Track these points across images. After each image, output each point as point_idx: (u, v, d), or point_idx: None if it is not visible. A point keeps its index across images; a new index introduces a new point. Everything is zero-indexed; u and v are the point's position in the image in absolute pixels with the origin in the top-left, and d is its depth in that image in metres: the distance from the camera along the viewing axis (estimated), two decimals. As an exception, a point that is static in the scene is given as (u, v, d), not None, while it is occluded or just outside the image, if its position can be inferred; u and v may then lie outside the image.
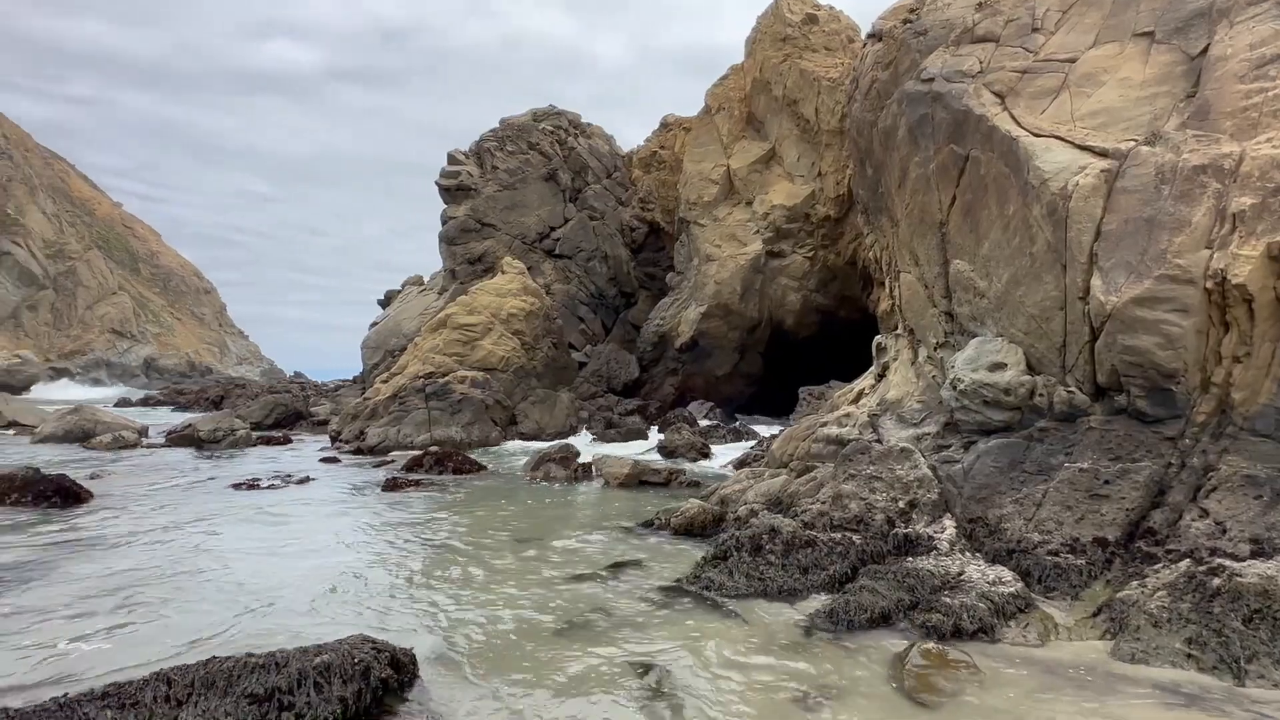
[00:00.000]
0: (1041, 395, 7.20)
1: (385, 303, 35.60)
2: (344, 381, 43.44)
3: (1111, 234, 6.85)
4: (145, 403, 36.57)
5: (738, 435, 20.06)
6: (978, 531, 6.94)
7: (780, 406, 23.81)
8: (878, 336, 10.54)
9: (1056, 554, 6.33)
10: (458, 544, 8.36)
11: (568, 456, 14.06)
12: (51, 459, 14.47)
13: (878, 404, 9.30)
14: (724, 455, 16.66)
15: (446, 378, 19.36)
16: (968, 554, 6.65)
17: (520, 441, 19.27)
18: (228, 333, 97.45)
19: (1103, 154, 7.24)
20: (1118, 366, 6.65)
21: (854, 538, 7.11)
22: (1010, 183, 7.82)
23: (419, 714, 4.24)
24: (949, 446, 7.84)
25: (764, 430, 20.86)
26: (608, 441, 19.43)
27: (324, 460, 15.99)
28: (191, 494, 11.41)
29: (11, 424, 20.55)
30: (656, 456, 16.37)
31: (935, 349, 8.89)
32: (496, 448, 18.19)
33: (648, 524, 9.24)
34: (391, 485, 12.13)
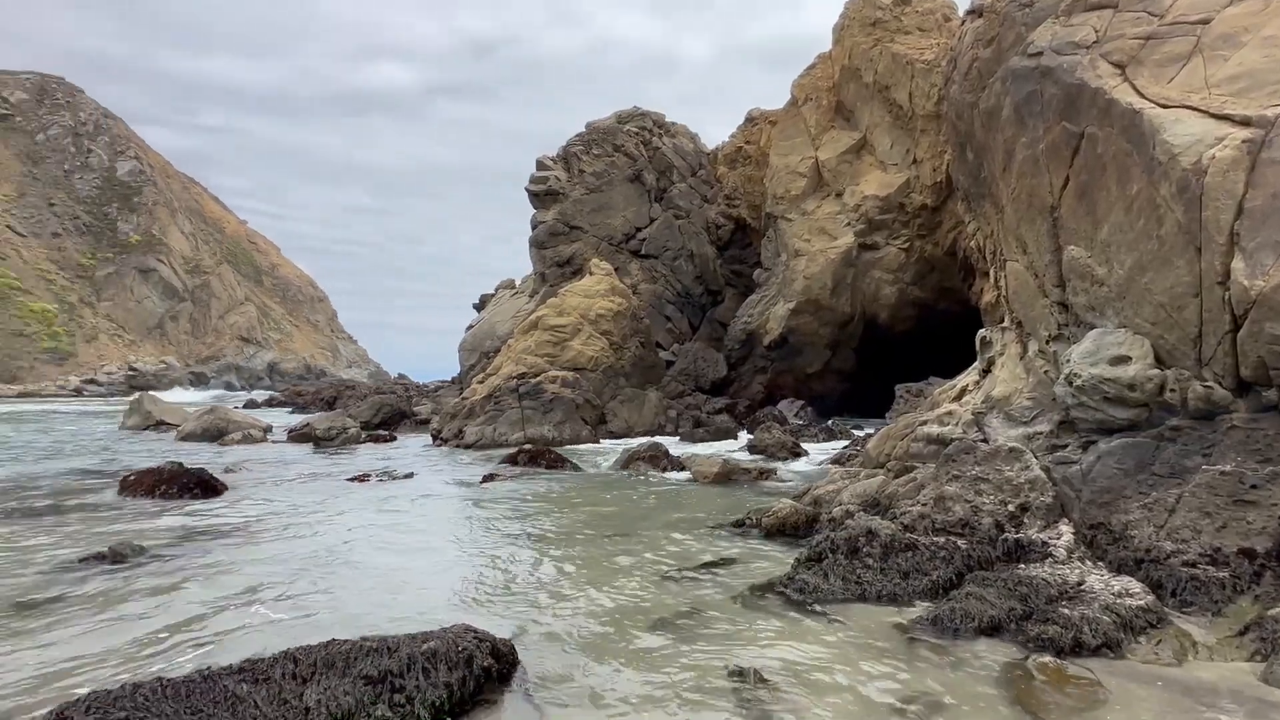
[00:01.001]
0: (1173, 391, 6.58)
1: (480, 306, 37.03)
2: (443, 382, 45.54)
3: (1256, 211, 6.16)
4: (269, 404, 39.72)
5: (830, 434, 19.52)
6: (1099, 539, 6.43)
7: (874, 404, 22.96)
8: (982, 330, 9.96)
9: (1194, 565, 5.76)
10: (551, 538, 8.58)
11: (657, 454, 14.14)
12: (192, 454, 15.98)
13: (983, 401, 8.79)
14: (816, 455, 16.25)
15: (538, 378, 19.91)
16: (1088, 562, 6.17)
17: (610, 440, 19.55)
18: (339, 338, 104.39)
19: (1245, 122, 6.52)
20: (1265, 358, 5.98)
21: (959, 542, 6.75)
22: (1133, 160, 7.18)
23: (518, 704, 4.37)
24: (1064, 447, 7.30)
25: (858, 429, 20.19)
26: (696, 440, 19.38)
27: (427, 456, 16.84)
28: (311, 487, 12.29)
29: (160, 423, 22.85)
30: (746, 455, 16.18)
31: (1047, 342, 8.30)
32: (587, 446, 18.53)
33: (739, 523, 9.15)
34: (489, 480, 12.60)
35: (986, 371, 9.48)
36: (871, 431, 15.86)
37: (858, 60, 24.87)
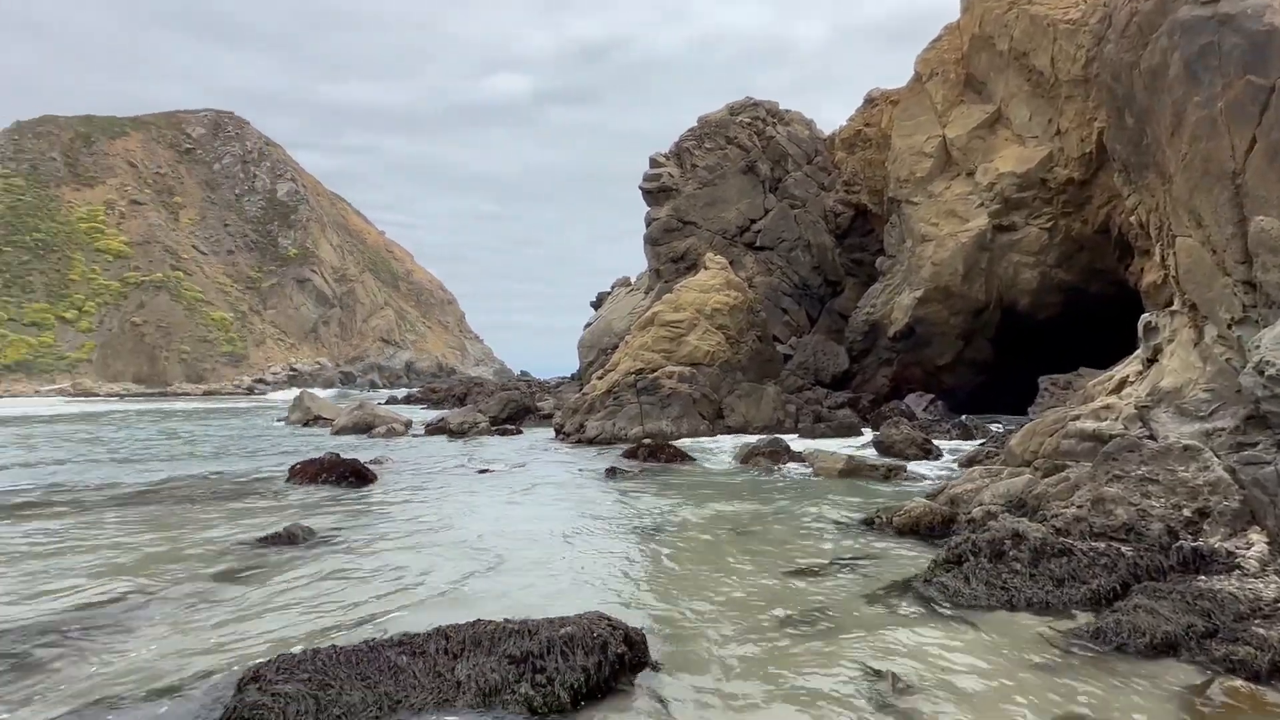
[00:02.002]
0: (1399, 380, 5.61)
1: (597, 304, 37.98)
2: (563, 379, 47.21)
3: None
4: (407, 400, 42.84)
5: (964, 431, 18.32)
6: (1301, 550, 5.60)
7: (1014, 398, 21.27)
8: (1146, 314, 8.96)
9: None
10: (674, 531, 8.66)
11: (777, 450, 13.89)
12: (344, 446, 17.57)
13: (1148, 394, 7.91)
14: (948, 452, 15.31)
15: (655, 373, 20.13)
16: (1287, 577, 5.40)
17: (727, 435, 19.42)
18: (466, 338, 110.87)
19: None
20: None
21: (1122, 549, 6.13)
22: (1341, 112, 6.18)
23: (648, 694, 4.45)
24: (1254, 445, 6.43)
25: (996, 425, 18.80)
26: (817, 436, 18.83)
27: (551, 449, 17.54)
28: (448, 476, 13.16)
29: (317, 418, 25.31)
30: (871, 452, 15.53)
31: (1229, 326, 7.33)
32: (704, 441, 18.52)
33: (866, 522, 8.81)
34: (611, 473, 12.92)
35: (1152, 361, 8.52)
36: (1012, 428, 14.73)
37: (990, 27, 23.06)
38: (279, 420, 28.25)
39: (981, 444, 15.07)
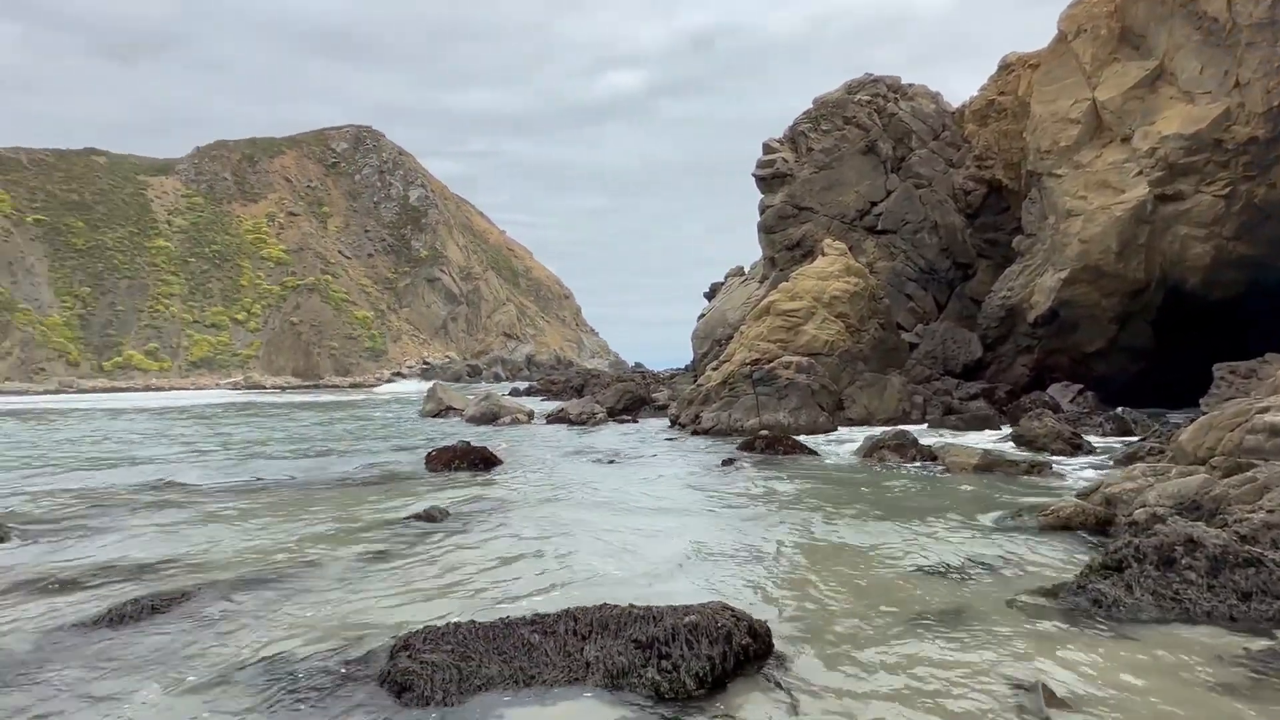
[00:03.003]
0: None
1: (710, 295, 37.82)
2: (677, 370, 47.46)
3: None
4: (528, 392, 44.77)
5: (1120, 424, 16.58)
6: None
7: (1181, 389, 18.96)
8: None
9: None
10: (797, 524, 8.47)
11: (903, 443, 13.21)
12: (474, 434, 18.64)
13: (1361, 383, 6.78)
14: (1102, 448, 13.92)
15: (772, 364, 19.75)
16: None
17: (848, 428, 18.73)
18: (582, 331, 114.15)
19: None
20: None
21: (1328, 562, 5.30)
22: None
23: (773, 687, 4.37)
24: None
25: (1159, 419, 16.87)
26: (946, 429, 17.74)
27: (667, 440, 17.70)
28: (570, 463, 13.68)
29: (448, 408, 27.00)
30: (1010, 447, 14.42)
31: None
32: (824, 433, 17.97)
33: (1006, 521, 8.19)
34: (728, 464, 12.84)
35: (1365, 344, 7.29)
36: (1180, 421, 13.15)
37: (1150, -27, 20.59)
38: (416, 411, 30.42)
39: (1141, 439, 13.58)
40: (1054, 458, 12.78)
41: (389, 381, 71.52)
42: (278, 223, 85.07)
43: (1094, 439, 14.94)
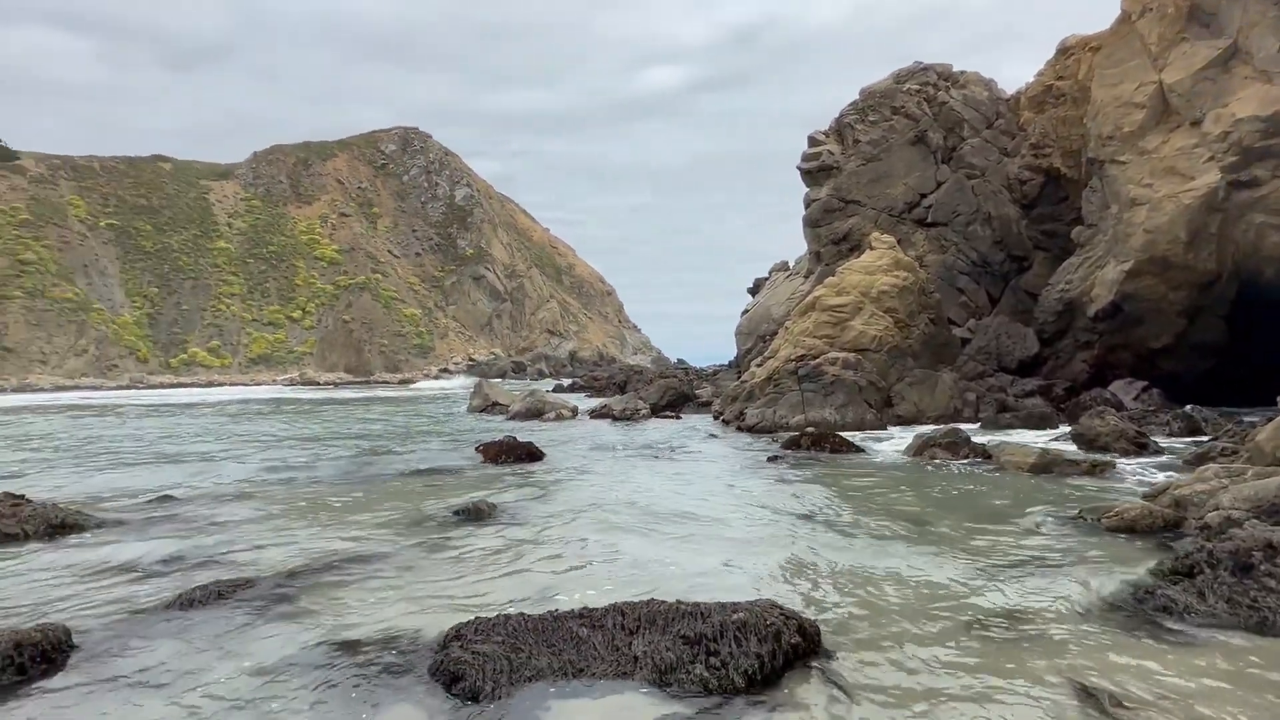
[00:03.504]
0: None
1: (754, 290, 37.44)
2: (720, 366, 47.18)
3: None
4: (571, 388, 45.07)
5: (1190, 423, 15.81)
6: None
7: (1256, 387, 17.95)
8: None
9: None
10: (845, 522, 8.33)
11: (955, 442, 12.86)
12: (520, 429, 18.89)
13: None
14: (1169, 448, 13.28)
15: (817, 360, 19.45)
16: None
17: (897, 426, 18.32)
18: (625, 327, 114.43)
19: None
20: None
21: None
22: None
23: (823, 686, 4.31)
24: None
25: (1231, 417, 15.99)
26: (1001, 427, 17.19)
27: (711, 436, 17.62)
28: (614, 458, 13.74)
29: (494, 404, 27.42)
30: (1069, 446, 13.88)
31: None
32: (872, 431, 17.63)
33: (1066, 523, 7.89)
34: (774, 461, 12.71)
35: None
36: (1256, 420, 12.46)
37: (1223, -53, 19.48)
38: (463, 407, 31.01)
39: (1213, 439, 12.91)
40: (1117, 458, 12.25)
41: (436, 378, 73.08)
42: (330, 223, 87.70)
43: (1160, 439, 14.28)
